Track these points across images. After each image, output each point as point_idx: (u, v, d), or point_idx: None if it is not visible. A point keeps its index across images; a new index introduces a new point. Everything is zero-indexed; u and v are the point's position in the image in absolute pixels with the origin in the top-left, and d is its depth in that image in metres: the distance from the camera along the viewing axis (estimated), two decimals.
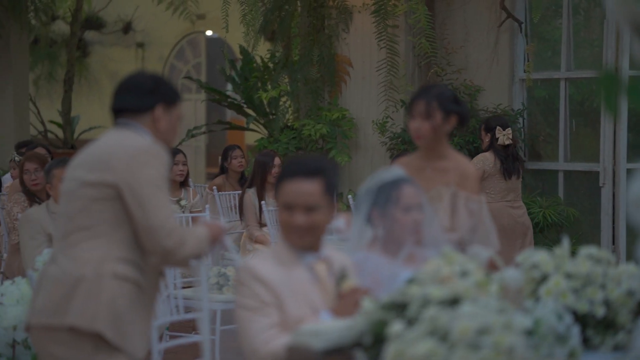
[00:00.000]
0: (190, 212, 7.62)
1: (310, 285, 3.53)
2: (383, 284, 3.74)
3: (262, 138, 10.65)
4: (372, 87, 10.16)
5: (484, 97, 9.97)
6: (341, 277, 3.63)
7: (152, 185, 3.58)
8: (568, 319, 3.42)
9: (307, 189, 3.42)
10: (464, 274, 3.50)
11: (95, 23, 18.36)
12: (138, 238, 3.61)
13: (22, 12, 12.70)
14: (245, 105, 11.68)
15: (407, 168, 4.29)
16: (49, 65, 18.33)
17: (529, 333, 3.27)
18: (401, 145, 9.60)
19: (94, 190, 3.60)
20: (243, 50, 11.46)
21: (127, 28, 18.77)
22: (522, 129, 9.85)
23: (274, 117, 10.91)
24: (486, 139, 7.79)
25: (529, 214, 8.33)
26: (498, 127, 7.75)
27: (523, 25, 9.94)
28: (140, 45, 18.86)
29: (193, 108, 17.69)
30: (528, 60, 9.88)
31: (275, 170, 7.79)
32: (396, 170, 4.03)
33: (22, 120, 12.93)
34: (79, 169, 3.69)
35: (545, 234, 9.35)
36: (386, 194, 3.93)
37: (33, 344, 3.63)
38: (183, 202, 7.70)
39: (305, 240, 3.49)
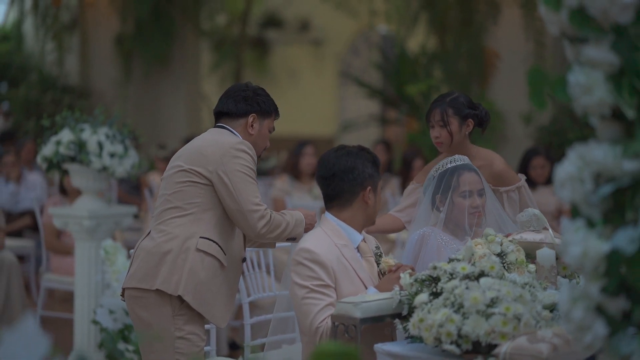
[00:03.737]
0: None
1: (358, 264, 3.91)
2: (446, 257, 4.06)
3: (415, 132, 10.98)
4: (519, 80, 10.30)
5: None
6: (377, 255, 4.00)
7: (240, 174, 4.07)
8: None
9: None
10: (502, 253, 3.78)
11: (275, 21, 19.09)
12: (233, 221, 4.11)
13: (196, 14, 13.60)
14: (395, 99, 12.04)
15: None
16: (234, 64, 19.05)
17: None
18: (547, 137, 9.71)
19: (188, 177, 4.12)
20: (396, 44, 11.80)
21: (304, 26, 19.35)
22: None
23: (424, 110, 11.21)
24: None
25: None
26: None
27: None
28: (317, 42, 19.41)
29: (363, 103, 18.03)
30: None
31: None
32: (459, 158, 4.34)
33: (193, 117, 13.82)
34: (179, 159, 4.22)
35: None
36: (447, 180, 4.26)
37: (127, 306, 4.19)
38: (315, 192, 8.12)
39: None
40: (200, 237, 4.06)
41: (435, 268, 3.52)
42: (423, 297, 3.41)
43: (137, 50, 13.39)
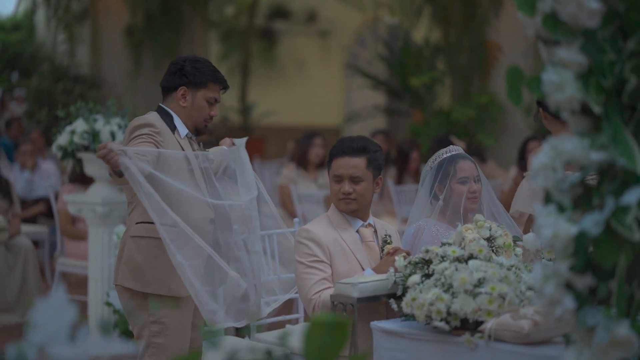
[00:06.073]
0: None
1: (357, 246, 4.19)
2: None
3: (416, 122, 11.24)
4: None
5: None
6: (385, 242, 4.27)
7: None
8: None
9: (354, 163, 4.13)
10: (491, 238, 4.03)
11: (282, 12, 19.31)
12: None
13: (204, 5, 13.88)
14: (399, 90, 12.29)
15: None
16: (242, 55, 19.22)
17: None
18: (545, 128, 9.93)
19: None
20: (401, 36, 12.03)
21: (312, 17, 19.55)
22: None
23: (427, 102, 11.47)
24: None
25: None
26: None
27: None
28: (324, 33, 19.60)
29: (369, 94, 18.20)
30: None
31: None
32: (453, 148, 4.59)
33: None
34: None
35: None
36: (445, 168, 4.52)
37: None
38: (320, 181, 8.40)
39: (351, 206, 4.17)
40: (136, 224, 4.23)
41: (427, 251, 3.77)
42: (415, 278, 3.67)
43: (146, 42, 13.65)
